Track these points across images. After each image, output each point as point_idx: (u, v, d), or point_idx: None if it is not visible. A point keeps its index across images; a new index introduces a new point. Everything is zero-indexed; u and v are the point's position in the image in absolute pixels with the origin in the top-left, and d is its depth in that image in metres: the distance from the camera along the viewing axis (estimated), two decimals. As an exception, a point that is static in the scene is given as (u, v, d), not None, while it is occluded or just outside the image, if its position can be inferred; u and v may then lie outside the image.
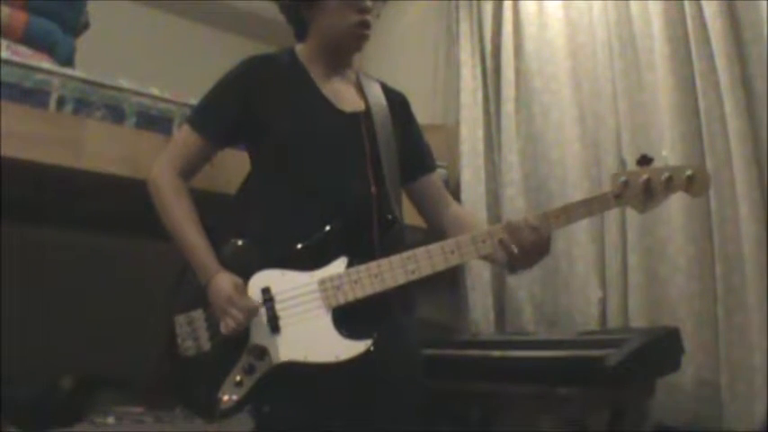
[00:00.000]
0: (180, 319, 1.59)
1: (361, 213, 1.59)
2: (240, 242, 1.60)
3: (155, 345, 1.67)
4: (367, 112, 1.68)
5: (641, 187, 1.47)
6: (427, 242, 1.54)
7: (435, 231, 1.73)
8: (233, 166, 1.75)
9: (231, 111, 1.65)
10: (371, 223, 1.59)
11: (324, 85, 1.69)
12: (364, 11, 1.63)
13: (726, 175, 2.39)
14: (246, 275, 1.55)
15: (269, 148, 1.65)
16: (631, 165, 1.52)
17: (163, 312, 1.63)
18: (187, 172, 1.66)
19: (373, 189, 1.61)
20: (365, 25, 1.64)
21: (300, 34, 1.72)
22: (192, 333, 1.57)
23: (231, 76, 1.68)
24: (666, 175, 1.46)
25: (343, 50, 1.70)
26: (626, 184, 1.48)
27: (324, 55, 1.70)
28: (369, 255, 1.54)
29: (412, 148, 1.76)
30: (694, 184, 1.46)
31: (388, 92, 1.79)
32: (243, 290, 1.53)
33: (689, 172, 1.46)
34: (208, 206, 1.64)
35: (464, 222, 1.72)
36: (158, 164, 1.66)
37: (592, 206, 1.53)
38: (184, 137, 1.68)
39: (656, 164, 1.48)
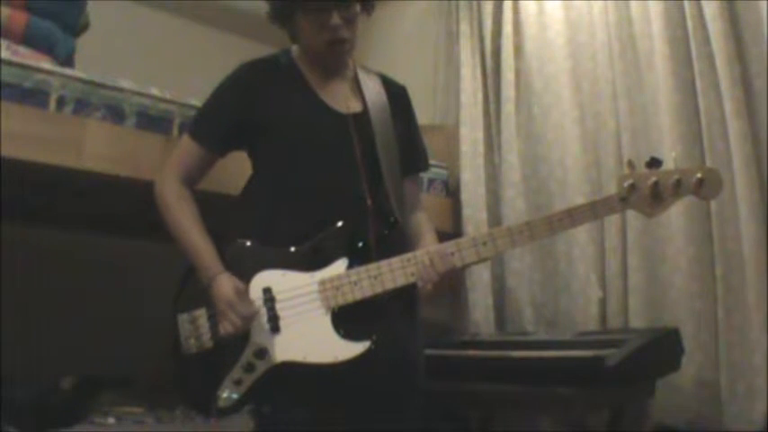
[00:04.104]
0: (183, 318, 1.60)
1: (357, 214, 1.59)
2: (248, 243, 1.61)
3: (158, 343, 1.67)
4: (364, 113, 1.68)
5: (649, 191, 1.43)
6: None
7: None
8: (236, 168, 1.75)
9: (229, 119, 1.66)
10: (368, 224, 1.59)
11: (320, 86, 1.69)
12: (334, 29, 1.59)
13: (726, 176, 2.37)
14: (249, 276, 1.56)
15: (267, 151, 1.66)
16: (638, 167, 1.48)
17: (163, 311, 1.63)
18: (191, 179, 1.67)
19: (367, 190, 1.61)
20: (337, 42, 1.62)
21: (294, 37, 1.72)
22: (194, 331, 1.59)
23: (228, 83, 1.69)
24: (675, 177, 1.42)
25: (327, 62, 1.70)
26: (633, 187, 1.44)
27: (314, 61, 1.70)
28: (368, 256, 1.55)
29: (405, 146, 1.75)
30: (704, 187, 1.42)
31: (389, 85, 1.78)
32: (244, 294, 1.53)
33: (699, 175, 1.42)
34: (212, 208, 1.64)
35: (417, 232, 1.71)
36: (162, 173, 1.67)
37: (596, 209, 1.50)
38: (186, 146, 1.69)
39: (665, 165, 1.44)
